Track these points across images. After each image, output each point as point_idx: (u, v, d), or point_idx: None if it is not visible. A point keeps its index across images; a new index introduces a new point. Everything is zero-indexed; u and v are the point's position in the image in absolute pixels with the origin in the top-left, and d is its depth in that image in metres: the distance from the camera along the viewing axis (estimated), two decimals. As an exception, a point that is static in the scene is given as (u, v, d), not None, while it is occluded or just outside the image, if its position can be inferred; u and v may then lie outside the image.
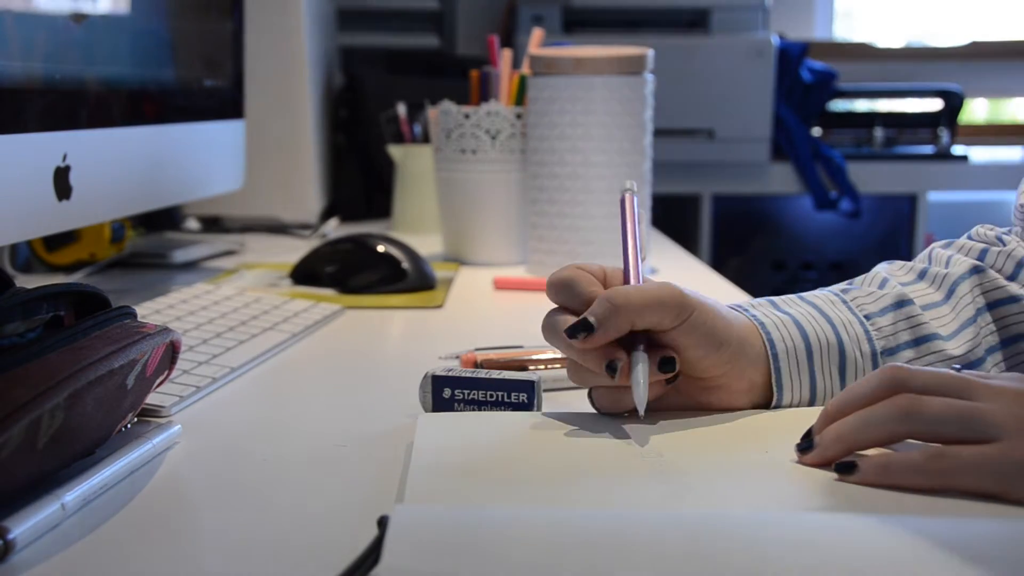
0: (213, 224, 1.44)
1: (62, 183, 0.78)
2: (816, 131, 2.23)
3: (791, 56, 2.12)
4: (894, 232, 2.24)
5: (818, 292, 0.63)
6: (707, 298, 0.57)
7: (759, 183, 2.13)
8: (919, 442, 0.48)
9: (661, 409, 0.57)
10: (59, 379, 0.44)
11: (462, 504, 0.45)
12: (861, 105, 2.30)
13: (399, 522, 0.40)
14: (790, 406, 0.59)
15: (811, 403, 0.59)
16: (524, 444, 0.53)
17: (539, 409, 0.59)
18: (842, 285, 0.64)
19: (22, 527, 0.42)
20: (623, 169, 1.05)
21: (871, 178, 2.15)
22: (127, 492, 0.49)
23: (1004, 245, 0.65)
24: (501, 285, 1.04)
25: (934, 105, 2.26)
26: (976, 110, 2.56)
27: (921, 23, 2.71)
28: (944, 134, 2.24)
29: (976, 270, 0.63)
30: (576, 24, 2.11)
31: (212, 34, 1.12)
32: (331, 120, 1.60)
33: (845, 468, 0.48)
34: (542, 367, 0.69)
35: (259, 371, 0.72)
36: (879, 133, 2.24)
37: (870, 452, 0.49)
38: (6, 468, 0.42)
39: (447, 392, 0.60)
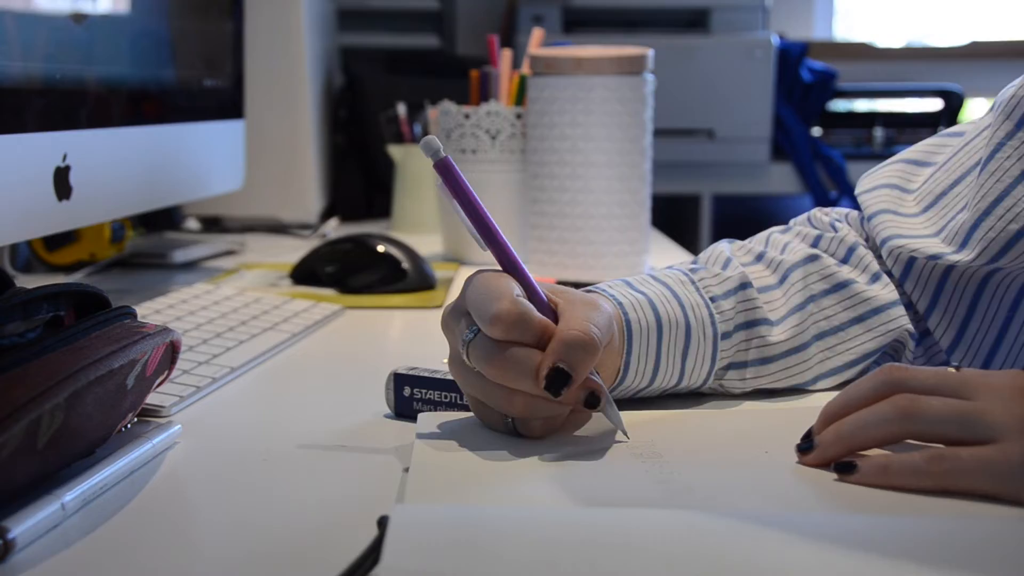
0: (213, 224, 1.44)
1: (62, 183, 0.78)
2: (816, 131, 2.23)
3: (791, 56, 2.12)
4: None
5: (669, 271, 0.65)
6: (569, 293, 0.56)
7: (759, 183, 2.13)
8: (919, 442, 0.48)
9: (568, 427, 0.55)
10: (59, 379, 0.44)
11: (462, 504, 0.45)
12: (861, 105, 2.30)
13: (399, 522, 0.40)
14: (631, 387, 0.60)
15: (650, 385, 0.60)
16: (524, 444, 0.53)
17: None
18: (689, 263, 0.66)
19: (22, 527, 0.42)
20: (623, 169, 1.05)
21: (871, 178, 2.14)
22: (127, 492, 0.49)
23: (836, 232, 0.69)
24: (501, 285, 1.04)
25: (934, 105, 2.25)
26: (976, 110, 2.55)
27: (921, 23, 2.71)
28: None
29: (812, 258, 0.66)
30: (576, 24, 2.11)
31: (212, 34, 1.12)
32: (331, 120, 1.60)
33: (845, 468, 0.48)
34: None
35: (259, 371, 0.72)
36: (879, 133, 2.24)
37: (870, 452, 0.49)
38: (6, 468, 0.42)
39: (407, 391, 0.61)
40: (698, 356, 0.61)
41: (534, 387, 0.51)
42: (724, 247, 0.68)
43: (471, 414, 0.59)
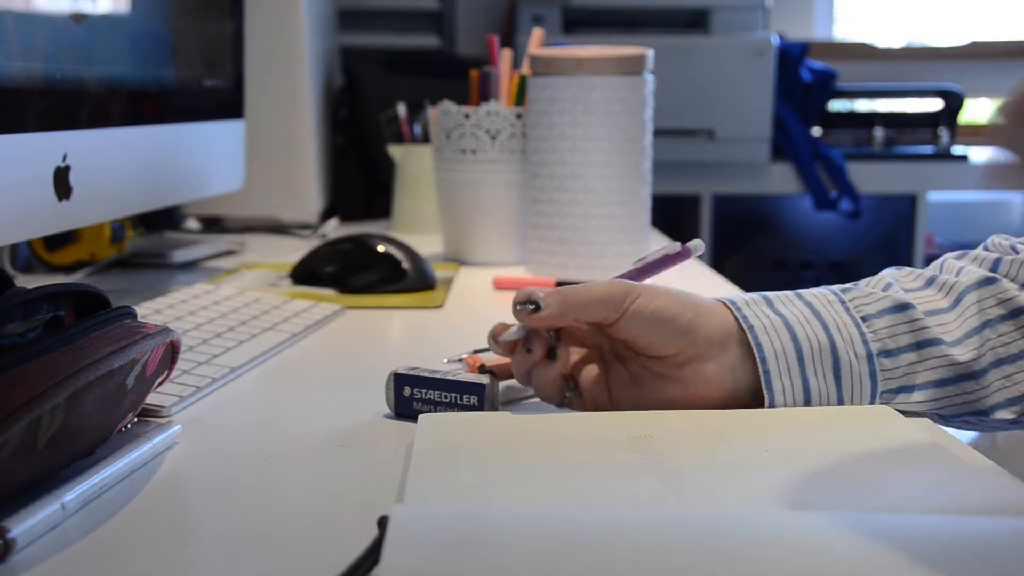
0: (213, 224, 1.44)
1: (62, 183, 0.78)
2: (816, 131, 2.23)
3: (791, 56, 2.12)
4: (894, 232, 2.24)
5: (817, 291, 0.63)
6: (668, 287, 0.60)
7: (759, 183, 2.13)
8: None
9: (627, 408, 0.59)
10: (59, 379, 0.44)
11: (462, 504, 0.45)
12: (861, 105, 2.30)
13: (399, 522, 0.40)
14: (784, 406, 0.59)
15: (806, 403, 0.59)
16: (524, 444, 0.53)
17: (495, 409, 0.60)
18: (845, 285, 0.64)
19: (22, 527, 0.42)
20: (623, 169, 1.05)
21: (871, 178, 2.15)
22: (127, 492, 0.49)
23: (1017, 254, 0.63)
24: (501, 285, 1.04)
25: (934, 105, 2.26)
26: (976, 110, 2.55)
27: (921, 23, 2.71)
28: (944, 134, 2.24)
29: (988, 281, 0.62)
30: (576, 24, 2.11)
31: (212, 34, 1.12)
32: (331, 120, 1.60)
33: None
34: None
35: (259, 371, 0.72)
36: (879, 133, 2.24)
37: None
38: (6, 468, 0.42)
39: (407, 390, 0.61)
40: (852, 376, 0.59)
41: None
42: (889, 272, 0.65)
43: (471, 414, 0.59)
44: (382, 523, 0.41)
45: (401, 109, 1.42)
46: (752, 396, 0.59)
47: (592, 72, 1.03)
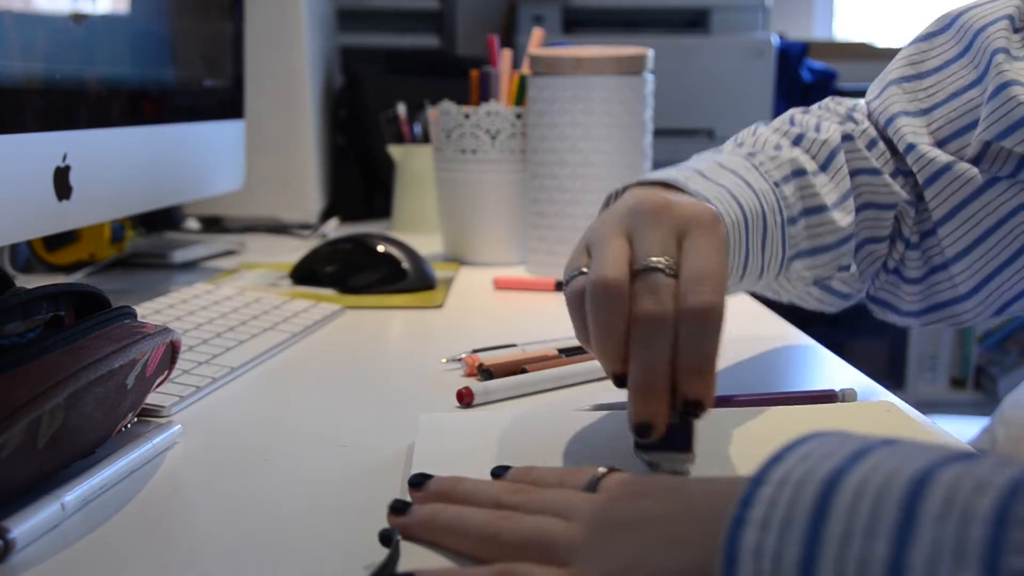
0: (213, 224, 1.44)
1: (62, 183, 0.78)
2: (816, 131, 2.23)
3: (791, 56, 2.12)
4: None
5: (731, 156, 0.65)
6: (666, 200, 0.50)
7: (759, 183, 2.13)
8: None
9: None
10: (59, 379, 0.44)
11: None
12: (861, 105, 2.30)
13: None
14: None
15: (742, 279, 0.60)
16: (525, 444, 0.53)
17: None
18: (744, 149, 0.67)
19: (22, 527, 0.42)
20: (623, 169, 1.05)
21: (871, 178, 2.15)
22: (127, 492, 0.49)
23: (856, 123, 0.70)
24: (501, 285, 1.04)
25: (934, 105, 2.25)
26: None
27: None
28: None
29: (846, 137, 0.67)
30: (576, 24, 2.11)
31: (212, 34, 1.12)
32: (331, 120, 1.60)
33: (399, 508, 0.42)
34: (540, 367, 0.69)
35: (259, 371, 0.72)
36: (879, 133, 2.24)
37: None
38: (6, 468, 0.42)
39: None
40: (774, 244, 0.61)
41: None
42: (763, 130, 0.69)
43: (471, 413, 0.59)
44: (386, 539, 0.40)
45: (401, 109, 1.42)
46: None
47: (592, 72, 1.03)
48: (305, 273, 1.03)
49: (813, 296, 0.73)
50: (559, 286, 1.03)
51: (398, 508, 0.42)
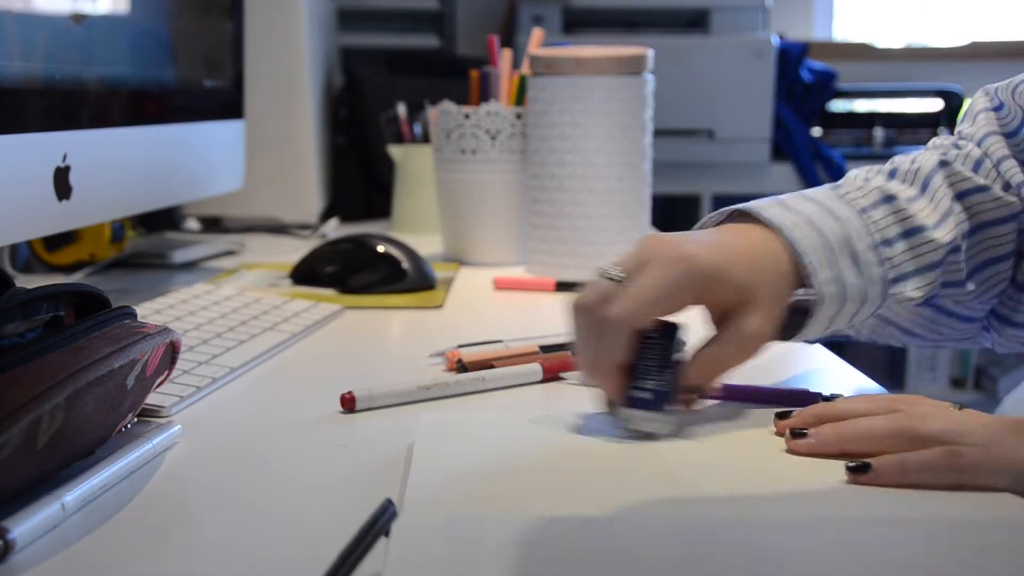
0: (213, 224, 1.44)
1: (62, 183, 0.78)
2: (816, 131, 2.23)
3: (791, 56, 2.12)
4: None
5: (813, 190, 0.65)
6: (702, 239, 0.59)
7: (759, 183, 2.13)
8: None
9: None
10: (59, 379, 0.44)
11: (463, 515, 0.44)
12: (861, 105, 2.30)
13: (400, 535, 0.40)
14: (829, 298, 0.59)
15: (842, 304, 0.59)
16: (524, 445, 0.53)
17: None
18: (830, 184, 0.67)
19: (22, 527, 0.42)
20: (623, 169, 1.05)
21: (871, 178, 2.14)
22: (127, 492, 0.49)
23: (959, 148, 0.69)
24: (501, 285, 1.04)
25: (934, 105, 2.25)
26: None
27: (921, 23, 2.71)
28: (944, 134, 2.24)
29: (943, 163, 0.66)
30: (576, 24, 2.11)
31: (212, 34, 1.12)
32: (331, 120, 1.60)
33: (859, 468, 0.48)
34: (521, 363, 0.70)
35: (259, 371, 0.72)
36: (879, 133, 2.24)
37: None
38: (6, 468, 0.42)
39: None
40: (869, 268, 0.61)
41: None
42: (854, 170, 0.69)
43: (471, 414, 0.59)
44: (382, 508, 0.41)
45: (401, 109, 1.42)
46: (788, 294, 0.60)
47: (592, 72, 1.03)
48: (305, 273, 1.03)
49: (926, 320, 0.71)
50: (559, 286, 1.03)
51: (797, 434, 0.51)
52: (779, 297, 0.58)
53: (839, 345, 0.93)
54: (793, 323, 0.61)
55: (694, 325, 0.59)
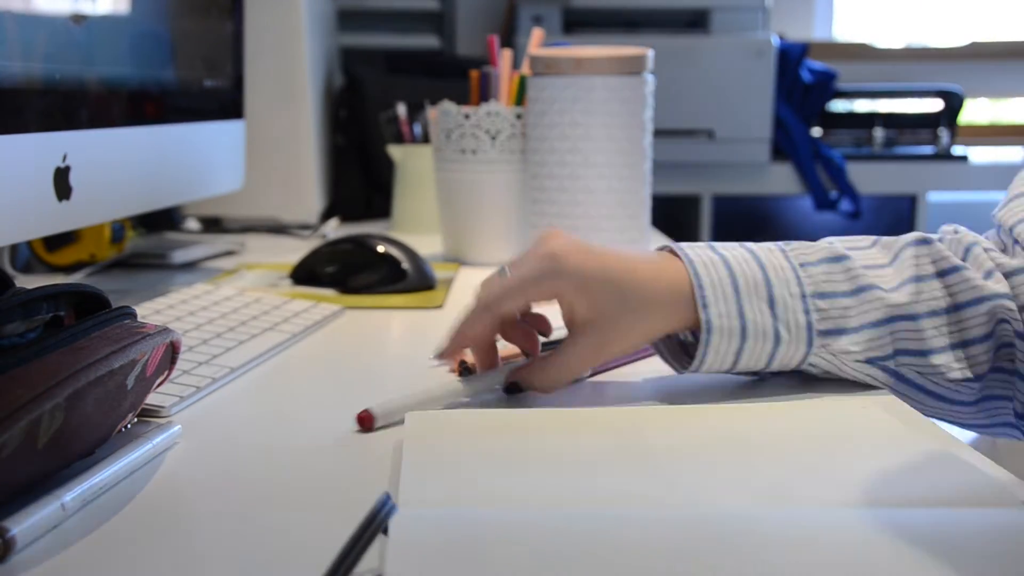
0: (213, 224, 1.44)
1: (62, 183, 0.78)
2: (816, 131, 2.23)
3: (791, 56, 2.12)
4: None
5: (763, 244, 0.65)
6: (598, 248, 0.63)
7: (759, 183, 2.13)
8: None
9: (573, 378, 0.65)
10: (59, 379, 0.44)
11: (461, 511, 0.44)
12: (861, 105, 2.30)
13: (399, 530, 0.40)
14: (718, 331, 0.60)
15: (742, 335, 0.61)
16: (513, 440, 0.53)
17: None
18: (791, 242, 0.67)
19: (22, 527, 0.42)
20: (623, 169, 1.05)
21: (871, 178, 2.15)
22: (127, 492, 0.49)
23: (956, 233, 0.67)
24: (501, 285, 1.04)
25: (934, 105, 2.25)
26: (976, 110, 2.55)
27: (921, 23, 2.71)
28: (944, 134, 2.24)
29: (924, 241, 0.65)
30: (576, 24, 2.11)
31: (212, 34, 1.12)
32: (331, 120, 1.60)
33: (512, 389, 0.61)
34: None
35: (259, 371, 0.72)
36: (879, 133, 2.24)
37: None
38: (6, 468, 0.42)
39: None
40: (788, 312, 0.61)
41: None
42: (835, 239, 0.68)
43: (458, 412, 0.59)
44: (382, 503, 0.41)
45: (401, 109, 1.42)
46: (677, 321, 0.62)
47: (592, 72, 1.03)
48: (305, 273, 1.03)
49: (910, 398, 0.64)
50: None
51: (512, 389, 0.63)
52: (635, 329, 0.62)
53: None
54: (691, 355, 0.63)
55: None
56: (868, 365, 0.62)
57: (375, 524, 0.39)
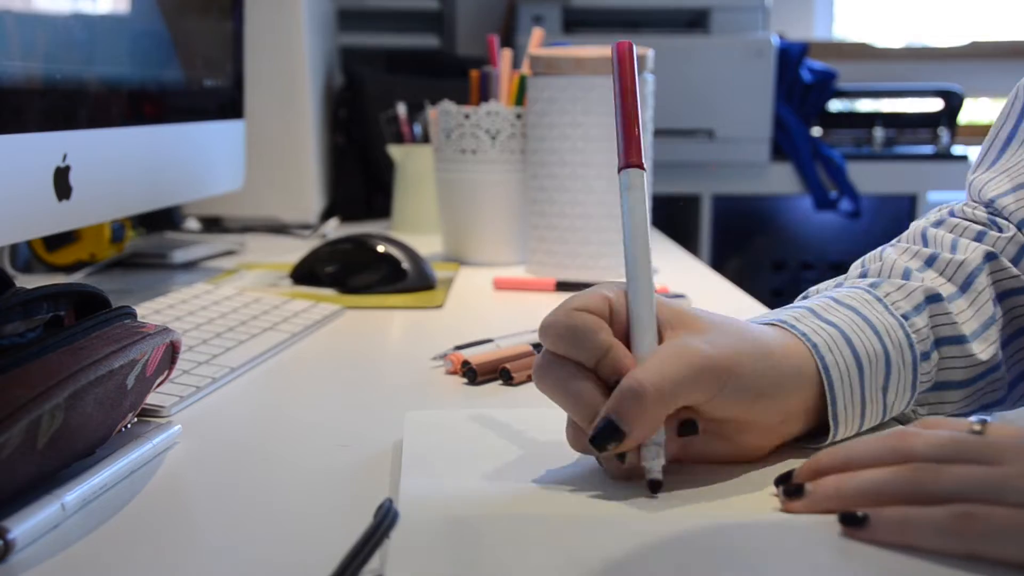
0: (213, 224, 1.44)
1: (62, 183, 0.78)
2: (816, 131, 2.23)
3: (791, 56, 2.12)
4: (894, 232, 2.20)
5: (849, 291, 0.57)
6: (736, 339, 0.49)
7: (759, 183, 2.13)
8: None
9: (678, 462, 0.49)
10: (59, 379, 0.44)
11: (462, 515, 0.44)
12: (861, 105, 2.30)
13: (400, 539, 0.40)
14: (841, 438, 0.52)
15: (858, 430, 0.53)
16: (513, 441, 0.53)
17: None
18: (867, 279, 0.59)
19: (22, 527, 0.42)
20: (623, 169, 1.04)
21: (871, 178, 2.15)
22: (127, 492, 0.49)
23: (1000, 231, 0.61)
24: (501, 285, 1.04)
25: (934, 105, 2.25)
26: (976, 110, 2.55)
27: (921, 23, 2.71)
28: (944, 134, 2.24)
29: (989, 257, 0.59)
30: (576, 24, 2.11)
31: (212, 34, 1.12)
32: (331, 120, 1.60)
33: (853, 520, 0.41)
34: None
35: (259, 371, 0.72)
36: (879, 133, 2.24)
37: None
38: (6, 468, 0.42)
39: None
40: (899, 387, 0.54)
41: (581, 418, 0.46)
42: (890, 252, 0.61)
43: (457, 412, 0.58)
44: (386, 510, 0.41)
45: (401, 109, 1.42)
46: (800, 424, 0.52)
47: (592, 72, 1.03)
48: (305, 273, 1.03)
49: None
50: (559, 286, 1.03)
51: (792, 492, 0.44)
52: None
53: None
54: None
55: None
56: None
57: (378, 535, 0.39)
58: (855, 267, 0.63)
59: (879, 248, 0.63)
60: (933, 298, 0.57)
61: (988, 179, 0.64)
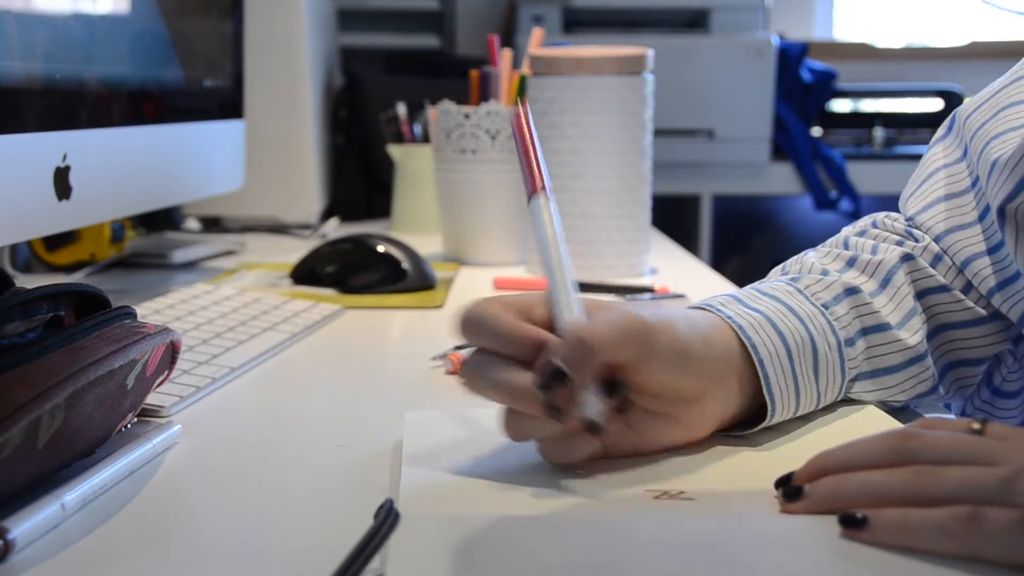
0: (213, 224, 1.44)
1: (62, 183, 0.78)
2: (816, 131, 2.23)
3: (791, 56, 2.12)
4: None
5: (771, 283, 0.60)
6: (664, 311, 0.51)
7: (759, 183, 2.13)
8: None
9: (616, 455, 0.50)
10: (59, 379, 0.44)
11: (462, 515, 0.44)
12: (861, 105, 2.30)
13: (401, 538, 0.40)
14: (779, 419, 0.54)
15: (795, 412, 0.55)
16: (510, 441, 0.53)
17: None
18: (788, 275, 0.61)
19: (22, 527, 0.42)
20: (623, 169, 1.05)
21: (871, 178, 2.15)
22: (127, 492, 0.49)
23: (916, 240, 0.64)
24: (501, 285, 1.04)
25: (934, 105, 2.25)
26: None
27: (921, 23, 2.71)
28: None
29: (906, 258, 0.62)
30: (576, 24, 2.11)
31: (212, 34, 1.12)
32: (331, 120, 1.60)
33: (853, 522, 0.41)
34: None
35: (259, 371, 0.72)
36: (879, 133, 2.24)
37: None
38: (6, 468, 0.42)
39: None
40: (829, 372, 0.56)
41: (511, 401, 0.48)
42: (811, 256, 0.64)
43: (456, 412, 0.59)
44: (386, 510, 0.41)
45: (401, 109, 1.42)
46: (737, 410, 0.54)
47: (592, 72, 1.03)
48: (305, 273, 1.03)
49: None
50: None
51: (791, 493, 0.44)
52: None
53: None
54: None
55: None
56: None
57: (378, 536, 0.39)
58: (776, 269, 0.66)
59: (802, 252, 0.66)
60: (852, 291, 0.59)
61: (909, 193, 0.68)
